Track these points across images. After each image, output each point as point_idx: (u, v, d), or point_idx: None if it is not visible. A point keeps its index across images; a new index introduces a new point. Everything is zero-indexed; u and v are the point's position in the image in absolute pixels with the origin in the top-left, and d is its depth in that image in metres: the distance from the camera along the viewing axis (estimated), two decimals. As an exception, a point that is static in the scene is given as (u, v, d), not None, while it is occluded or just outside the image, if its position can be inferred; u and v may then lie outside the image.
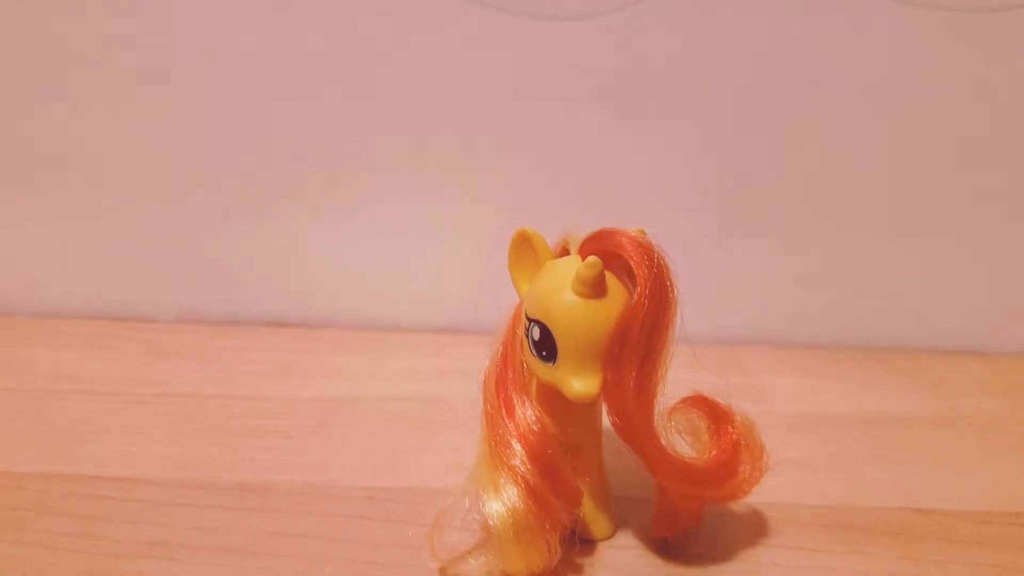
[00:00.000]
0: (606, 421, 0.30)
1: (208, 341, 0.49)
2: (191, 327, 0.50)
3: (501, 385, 0.31)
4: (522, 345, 0.30)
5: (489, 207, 0.48)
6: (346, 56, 0.46)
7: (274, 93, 0.47)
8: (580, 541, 0.32)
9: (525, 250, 0.31)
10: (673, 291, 0.28)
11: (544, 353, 0.29)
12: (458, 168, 0.48)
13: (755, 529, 0.34)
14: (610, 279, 0.29)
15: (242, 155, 0.48)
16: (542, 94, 0.46)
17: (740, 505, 0.35)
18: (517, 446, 0.29)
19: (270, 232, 0.50)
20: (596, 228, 0.30)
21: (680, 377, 0.31)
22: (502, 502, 0.29)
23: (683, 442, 0.31)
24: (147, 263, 0.51)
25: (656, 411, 0.29)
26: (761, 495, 0.32)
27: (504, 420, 0.30)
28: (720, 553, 0.33)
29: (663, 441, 0.30)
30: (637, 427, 0.29)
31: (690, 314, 0.29)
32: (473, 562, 0.31)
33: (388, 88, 0.46)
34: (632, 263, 0.28)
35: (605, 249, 0.29)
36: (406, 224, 0.49)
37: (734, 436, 0.31)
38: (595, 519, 0.33)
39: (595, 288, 0.28)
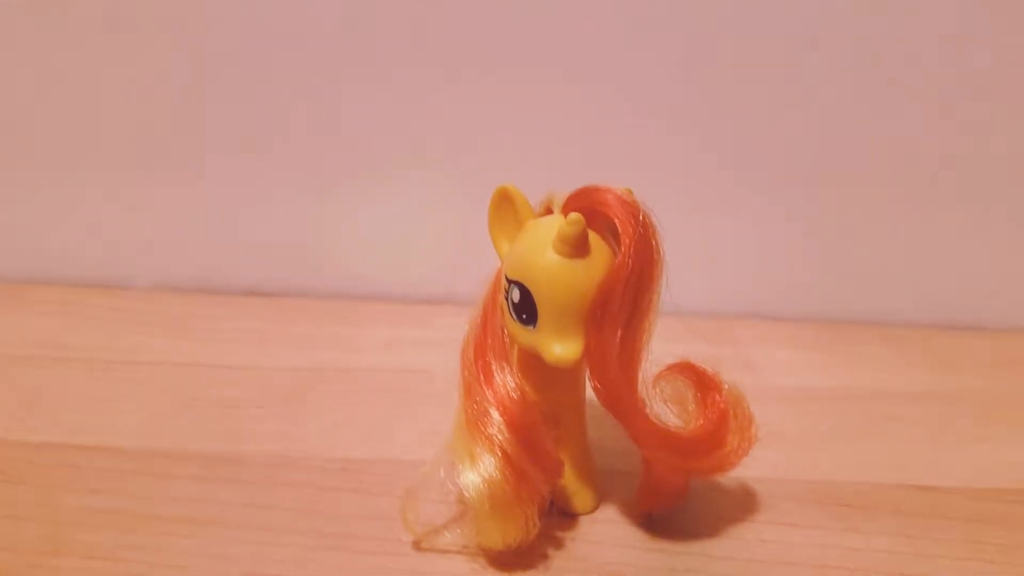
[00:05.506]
0: (590, 390, 0.29)
1: (183, 309, 0.47)
2: (166, 295, 0.49)
3: (480, 351, 0.29)
4: (502, 309, 0.29)
5: (472, 173, 0.46)
6: (321, 30, 0.44)
7: (255, 64, 0.45)
8: (562, 515, 0.31)
9: (506, 208, 0.29)
10: (659, 251, 0.27)
11: (524, 316, 0.28)
12: (439, 133, 0.46)
13: (744, 504, 0.33)
14: (594, 238, 0.27)
15: (222, 122, 0.46)
16: (525, 57, 0.44)
17: (728, 479, 0.33)
18: (495, 414, 0.28)
19: (248, 200, 0.48)
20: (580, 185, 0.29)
21: (669, 349, 0.30)
22: (478, 473, 0.28)
23: (669, 411, 0.30)
24: (123, 229, 0.49)
25: (640, 378, 0.28)
26: (751, 469, 0.31)
27: (482, 387, 0.29)
28: (707, 529, 0.32)
29: (648, 409, 0.28)
30: (620, 394, 0.28)
31: (681, 285, 0.28)
32: (448, 535, 0.30)
33: (364, 56, 0.45)
34: (617, 221, 0.27)
35: (589, 207, 0.28)
36: (387, 192, 0.47)
37: (721, 405, 0.29)
38: (577, 492, 0.32)
39: (577, 247, 0.27)
